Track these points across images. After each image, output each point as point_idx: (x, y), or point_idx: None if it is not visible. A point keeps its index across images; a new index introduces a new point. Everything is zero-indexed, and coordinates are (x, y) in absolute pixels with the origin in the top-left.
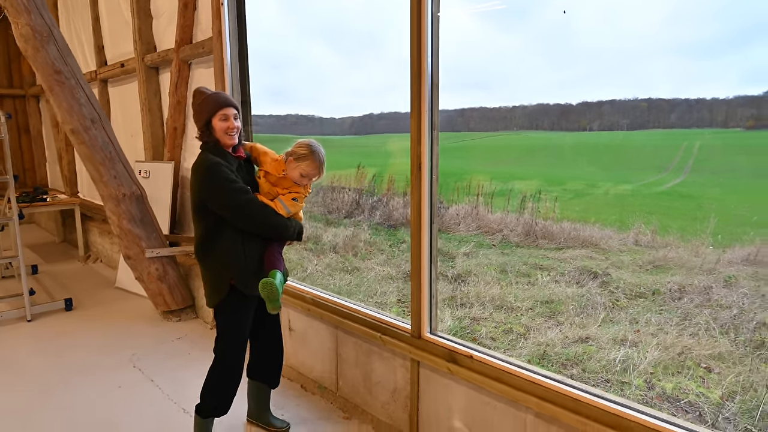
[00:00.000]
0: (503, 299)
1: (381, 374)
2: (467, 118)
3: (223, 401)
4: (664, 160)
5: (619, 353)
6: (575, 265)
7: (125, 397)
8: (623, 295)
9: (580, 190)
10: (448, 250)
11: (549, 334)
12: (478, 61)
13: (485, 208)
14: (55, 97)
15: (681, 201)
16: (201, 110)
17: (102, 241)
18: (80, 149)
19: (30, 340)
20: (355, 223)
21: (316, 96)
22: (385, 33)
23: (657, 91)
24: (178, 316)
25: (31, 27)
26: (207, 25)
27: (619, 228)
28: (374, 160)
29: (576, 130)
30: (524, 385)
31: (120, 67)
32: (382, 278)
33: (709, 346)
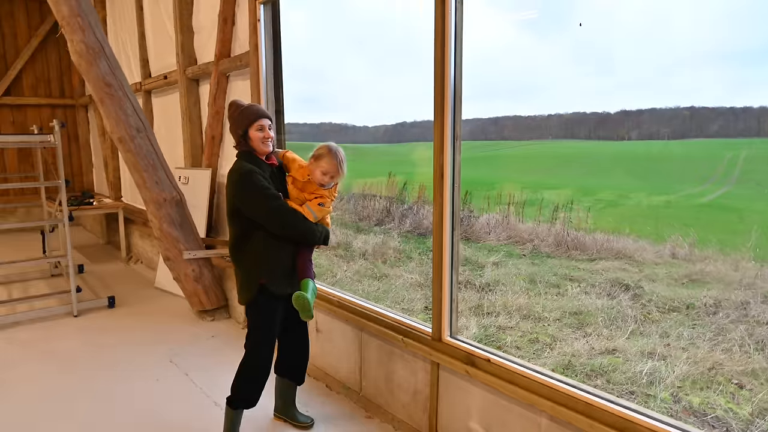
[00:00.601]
0: (530, 309)
1: (402, 376)
2: (501, 126)
3: (253, 394)
4: (706, 171)
5: (646, 366)
6: (607, 276)
7: (162, 389)
8: (656, 308)
9: (614, 200)
10: (477, 259)
11: (575, 344)
12: (514, 69)
13: (516, 217)
14: (104, 108)
15: (723, 213)
16: (238, 121)
17: (143, 244)
18: (126, 157)
19: (76, 333)
20: (385, 231)
21: (351, 104)
22: (418, 41)
23: (700, 99)
24: (212, 316)
25: (85, 44)
26: (244, 40)
27: (654, 240)
28: (406, 168)
29: (614, 139)
30: (539, 388)
31: (163, 79)
32: (410, 285)
33: (742, 362)
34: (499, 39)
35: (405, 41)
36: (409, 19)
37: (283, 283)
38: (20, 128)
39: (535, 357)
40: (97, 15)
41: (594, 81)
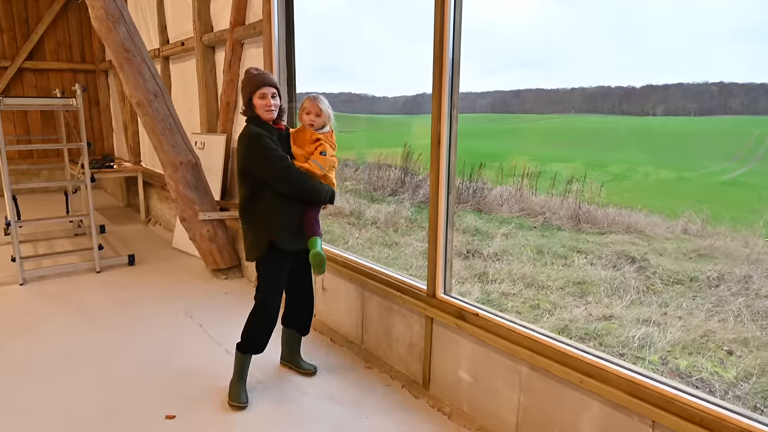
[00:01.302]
0: (535, 278)
1: (400, 330)
2: (523, 99)
3: (261, 341)
4: (732, 148)
5: (639, 331)
6: (614, 249)
7: (178, 338)
8: (659, 280)
9: (630, 176)
10: (488, 230)
11: (575, 311)
12: (538, 41)
13: (530, 190)
14: (123, 73)
15: (742, 191)
16: (244, 89)
17: (161, 206)
18: (144, 120)
19: (99, 288)
20: (398, 201)
21: (371, 74)
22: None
23: (730, 75)
24: (225, 274)
25: (105, 10)
26: (258, 7)
27: (668, 216)
28: (422, 140)
29: (638, 114)
30: (520, 339)
31: (180, 46)
32: (419, 253)
33: (735, 330)
34: (523, 10)
35: (426, 8)
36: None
37: (292, 239)
38: (43, 92)
39: (533, 322)
40: None
41: (619, 54)
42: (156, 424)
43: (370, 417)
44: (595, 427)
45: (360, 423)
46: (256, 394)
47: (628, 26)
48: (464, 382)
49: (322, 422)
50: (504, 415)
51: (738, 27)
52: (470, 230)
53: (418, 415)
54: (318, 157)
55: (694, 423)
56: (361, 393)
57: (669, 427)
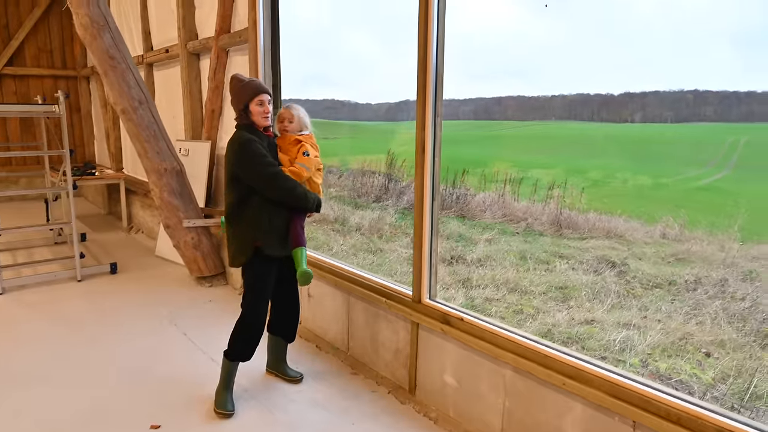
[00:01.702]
0: (518, 283)
1: (386, 336)
2: (505, 106)
3: (248, 349)
4: (707, 155)
5: (620, 335)
6: (595, 254)
7: (162, 347)
8: (639, 284)
9: (605, 182)
10: (471, 236)
11: (557, 316)
12: (519, 49)
13: (512, 196)
14: (108, 80)
15: (718, 196)
16: (240, 95)
17: (143, 214)
18: (128, 127)
19: (80, 297)
20: (382, 207)
21: (354, 81)
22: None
23: (705, 83)
24: (210, 282)
25: (90, 17)
26: (243, 16)
27: (646, 221)
28: (406, 147)
29: (617, 121)
30: (504, 343)
31: (165, 53)
32: (404, 259)
33: (713, 333)
34: (504, 18)
35: (409, 16)
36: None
37: (278, 246)
38: (23, 98)
39: (517, 326)
40: None
41: (598, 62)
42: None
43: (356, 423)
44: (578, 429)
45: (346, 429)
46: (242, 402)
47: (607, 35)
48: (450, 386)
49: (308, 429)
50: (489, 419)
51: (712, 37)
52: (454, 236)
53: (404, 420)
54: (302, 159)
55: (673, 422)
56: (347, 399)
57: (649, 427)
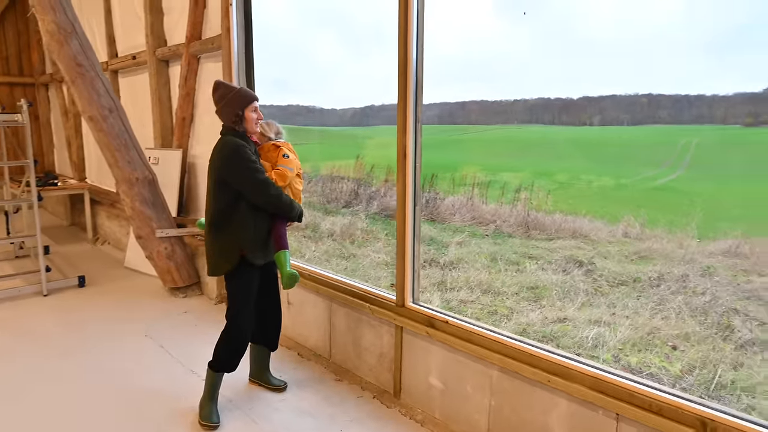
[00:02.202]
0: (491, 284)
1: (369, 341)
2: (468, 110)
3: (234, 359)
4: (661, 156)
5: (592, 332)
6: (563, 254)
7: (139, 360)
8: (606, 282)
9: (572, 184)
10: (442, 239)
11: (530, 315)
12: (482, 54)
13: (480, 199)
14: (76, 88)
15: (674, 196)
16: (235, 102)
17: (110, 224)
18: (98, 136)
19: (48, 312)
20: (353, 212)
21: (319, 87)
22: (387, 25)
23: (658, 87)
24: (184, 293)
25: (56, 23)
26: (216, 22)
27: (609, 221)
28: (373, 151)
29: (576, 124)
30: (491, 344)
31: (132, 59)
32: (377, 264)
33: (677, 327)
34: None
35: (372, 23)
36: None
37: (261, 254)
38: None
39: (492, 327)
40: None
41: (559, 67)
42: None
43: (344, 429)
44: (564, 424)
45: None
46: (226, 413)
47: (566, 40)
48: (435, 389)
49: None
50: (476, 419)
51: (665, 44)
52: (425, 239)
53: (391, 424)
54: (283, 161)
55: (655, 413)
56: (333, 406)
57: (632, 419)
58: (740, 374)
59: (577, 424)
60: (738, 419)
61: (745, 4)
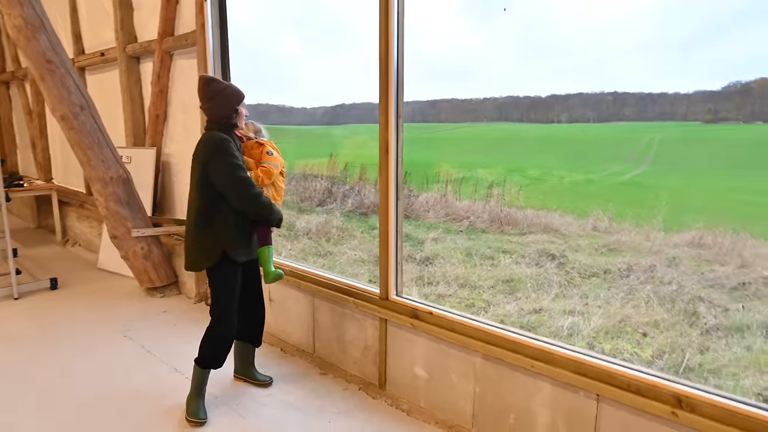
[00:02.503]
0: (467, 278)
1: (353, 334)
2: (438, 109)
3: (221, 356)
4: (626, 152)
5: (566, 321)
6: (536, 248)
7: (120, 360)
8: (578, 274)
9: (543, 180)
10: (417, 236)
11: (507, 307)
12: (451, 53)
13: (454, 196)
14: (45, 85)
15: (640, 190)
16: (231, 98)
17: (80, 226)
18: (69, 135)
19: (20, 315)
20: (327, 211)
21: (289, 85)
22: (357, 24)
23: (622, 85)
24: (162, 293)
25: (24, 18)
26: (189, 18)
27: (579, 215)
28: (346, 150)
29: (545, 122)
30: (474, 332)
31: (100, 56)
32: (353, 261)
33: (647, 315)
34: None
35: (343, 22)
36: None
37: (243, 251)
38: None
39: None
40: None
41: (527, 66)
42: None
43: (332, 421)
44: (547, 407)
45: (324, 427)
46: (213, 410)
47: (534, 40)
48: (420, 378)
49: (287, 430)
50: (461, 406)
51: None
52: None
53: (378, 414)
54: (267, 158)
55: (633, 392)
56: (319, 398)
57: (612, 399)
58: (706, 357)
59: (559, 407)
60: (709, 394)
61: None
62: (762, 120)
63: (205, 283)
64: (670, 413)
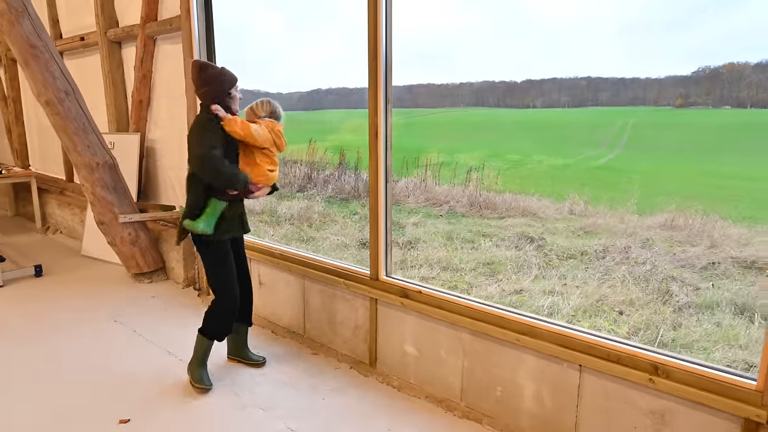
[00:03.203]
0: (449, 261)
1: (344, 315)
2: (415, 94)
3: (225, 327)
4: (600, 136)
5: (546, 301)
6: (514, 231)
7: (112, 344)
8: (556, 256)
9: (523, 164)
10: (398, 221)
11: (489, 288)
12: (427, 38)
13: (433, 181)
14: (29, 71)
15: (614, 174)
16: (224, 82)
17: (62, 213)
18: (54, 120)
19: (6, 302)
20: (308, 197)
21: (264, 70)
22: (333, 10)
23: (596, 70)
24: (149, 278)
25: (6, 2)
26: (173, 3)
27: (556, 199)
28: (324, 135)
29: (520, 107)
30: (461, 309)
31: (80, 41)
32: (336, 246)
33: (623, 294)
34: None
35: (318, 7)
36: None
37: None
38: None
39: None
40: None
41: (503, 51)
42: (112, 429)
43: (326, 398)
44: (531, 378)
45: (318, 404)
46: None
47: (510, 25)
48: (410, 356)
49: (281, 408)
50: (450, 381)
51: (603, 27)
52: None
53: (371, 391)
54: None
55: (614, 362)
56: (312, 377)
57: (594, 368)
58: (679, 333)
59: (544, 378)
60: (683, 362)
61: None
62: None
63: (193, 267)
64: (648, 380)
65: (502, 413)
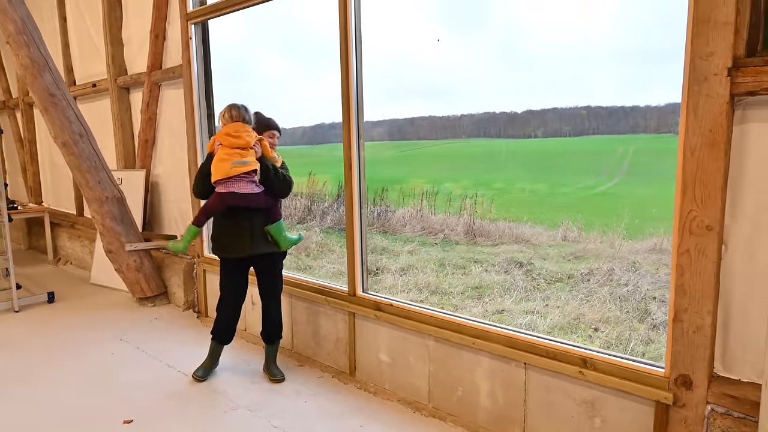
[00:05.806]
0: (438, 286)
1: (327, 329)
2: (417, 126)
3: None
4: (601, 164)
5: (525, 319)
6: (505, 257)
7: (118, 359)
8: (543, 280)
9: (507, 192)
10: (393, 249)
11: (473, 310)
12: (428, 71)
13: (429, 210)
14: (49, 116)
15: (612, 201)
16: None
17: (72, 245)
18: (69, 159)
19: (22, 326)
20: (307, 228)
21: (268, 105)
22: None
23: (596, 99)
24: (152, 302)
25: (30, 58)
26: (175, 53)
27: (549, 226)
28: (326, 168)
29: (522, 137)
30: (427, 319)
31: (92, 87)
32: (332, 274)
33: (601, 312)
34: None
35: (320, 43)
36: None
37: (218, 249)
38: None
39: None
40: (39, 31)
41: (503, 83)
42: (117, 428)
43: (308, 401)
44: (486, 377)
45: (300, 406)
46: (198, 395)
47: (511, 58)
48: (385, 363)
49: (268, 409)
50: (418, 385)
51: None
52: (378, 250)
53: (349, 397)
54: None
55: (550, 358)
56: (297, 385)
57: (535, 365)
58: (650, 347)
59: (496, 376)
60: (607, 355)
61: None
62: None
63: (192, 291)
64: (578, 372)
65: (463, 411)
